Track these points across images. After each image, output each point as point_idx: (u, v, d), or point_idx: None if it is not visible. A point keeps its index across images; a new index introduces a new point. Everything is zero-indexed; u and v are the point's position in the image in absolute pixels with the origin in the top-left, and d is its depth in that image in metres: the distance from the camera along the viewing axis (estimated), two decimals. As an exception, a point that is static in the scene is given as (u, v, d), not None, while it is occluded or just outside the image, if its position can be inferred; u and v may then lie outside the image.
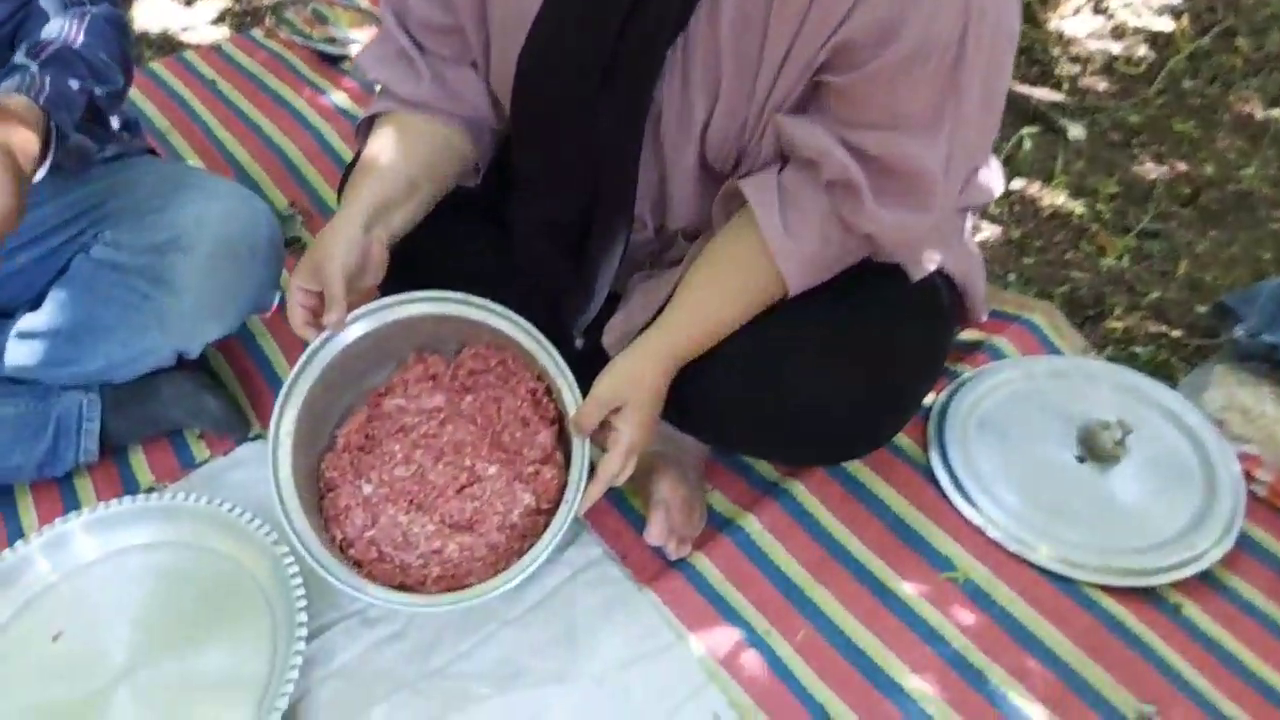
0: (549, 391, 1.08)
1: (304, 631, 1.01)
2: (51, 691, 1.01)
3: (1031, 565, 1.10)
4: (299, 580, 1.04)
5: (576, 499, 0.98)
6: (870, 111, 0.86)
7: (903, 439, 1.21)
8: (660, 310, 0.99)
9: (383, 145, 1.03)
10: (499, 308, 1.03)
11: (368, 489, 1.05)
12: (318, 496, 1.07)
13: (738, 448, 1.17)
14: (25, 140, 0.96)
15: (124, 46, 1.17)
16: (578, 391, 1.01)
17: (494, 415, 1.07)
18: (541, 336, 1.03)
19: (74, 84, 1.04)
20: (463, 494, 1.04)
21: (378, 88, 1.08)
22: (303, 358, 1.01)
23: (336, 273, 0.93)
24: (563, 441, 1.07)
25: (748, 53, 0.87)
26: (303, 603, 1.03)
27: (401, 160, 1.02)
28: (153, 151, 1.37)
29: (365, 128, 1.08)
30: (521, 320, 1.03)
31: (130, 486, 1.25)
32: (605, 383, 0.95)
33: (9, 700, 1.01)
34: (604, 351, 1.05)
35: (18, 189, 0.92)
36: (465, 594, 0.98)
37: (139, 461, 1.28)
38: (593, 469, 0.98)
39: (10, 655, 1.04)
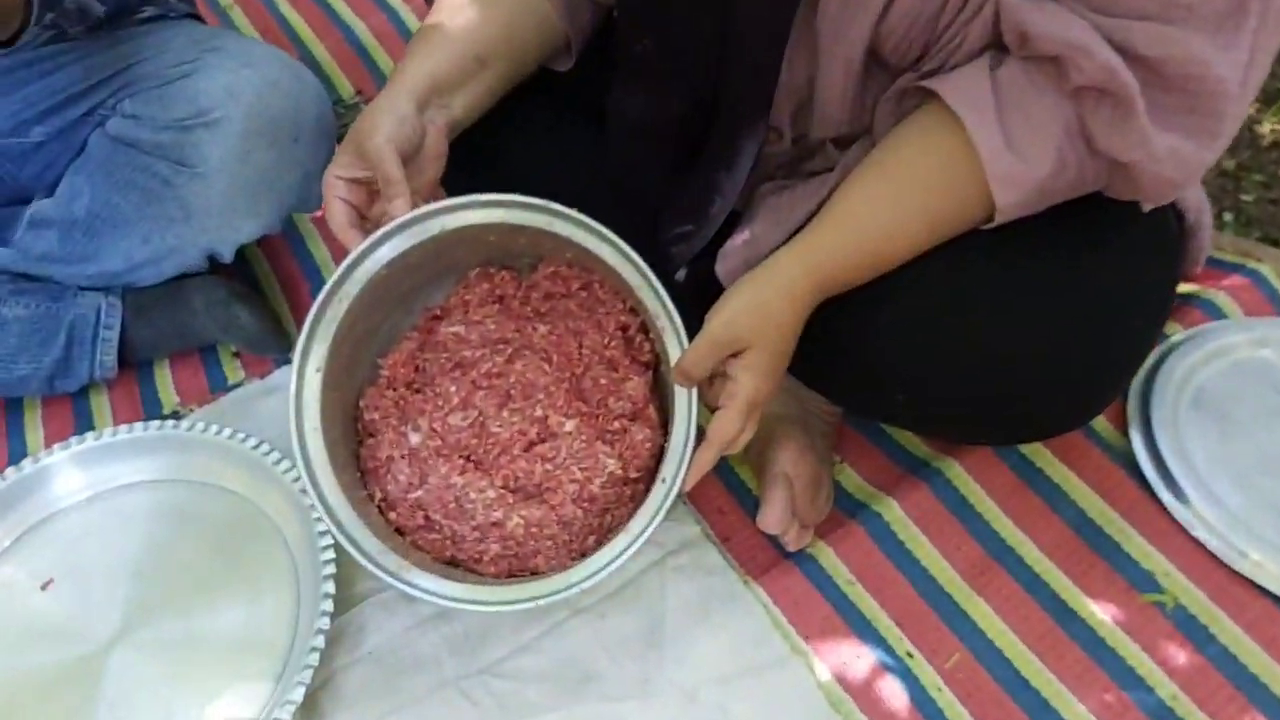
0: (644, 329, 0.85)
1: (329, 605, 0.82)
2: (39, 654, 0.85)
3: (1264, 591, 0.84)
4: (329, 541, 0.85)
5: (680, 473, 0.75)
6: None
7: (1094, 414, 0.94)
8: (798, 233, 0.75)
9: (448, 10, 0.82)
10: (586, 219, 0.80)
11: (415, 439, 0.84)
12: (355, 440, 0.87)
13: (888, 416, 0.91)
14: None
15: None
16: (683, 331, 0.78)
17: (574, 354, 0.86)
18: (639, 259, 0.80)
19: None
20: (532, 453, 0.84)
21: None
22: (339, 271, 0.79)
23: (384, 149, 0.73)
24: (657, 394, 0.85)
25: None
26: (331, 569, 0.84)
27: (469, 29, 0.80)
28: (198, 17, 1.16)
29: None
30: (614, 236, 0.80)
31: (152, 408, 1.07)
32: (723, 317, 0.72)
33: (-10, 660, 0.85)
34: (712, 287, 0.83)
35: None
36: (527, 589, 0.78)
37: (164, 379, 1.10)
38: (700, 434, 0.75)
39: (-9, 604, 0.88)
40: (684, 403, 0.78)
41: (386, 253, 0.80)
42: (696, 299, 0.78)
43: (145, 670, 0.84)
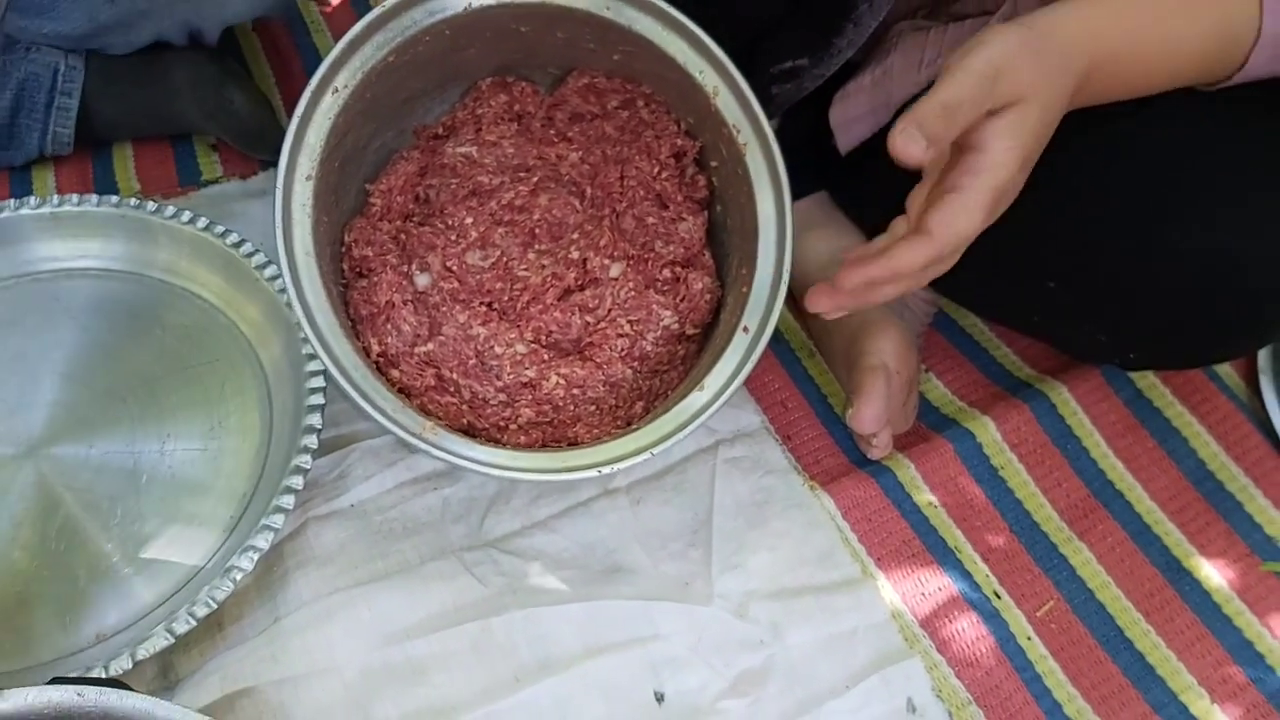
0: (701, 157, 0.73)
1: (313, 442, 0.66)
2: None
3: (1395, 576, 0.74)
4: (318, 367, 0.68)
5: (770, 321, 0.64)
6: None
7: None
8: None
9: None
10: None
11: (423, 280, 0.69)
12: (340, 282, 0.71)
13: (1021, 317, 0.75)
14: None
15: None
16: (776, 149, 0.66)
17: (614, 186, 0.73)
18: (720, 51, 0.67)
19: None
20: (569, 302, 0.70)
21: None
22: (336, 49, 0.64)
23: None
24: (715, 240, 0.74)
25: None
26: (318, 399, 0.68)
27: None
28: None
29: None
30: (687, 20, 0.66)
31: (105, 190, 0.88)
32: (988, 52, 0.48)
33: None
34: (802, 151, 0.70)
35: None
36: (587, 455, 0.63)
37: (123, 161, 0.91)
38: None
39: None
40: (771, 236, 0.66)
41: (391, 36, 0.65)
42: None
43: (63, 491, 0.67)
